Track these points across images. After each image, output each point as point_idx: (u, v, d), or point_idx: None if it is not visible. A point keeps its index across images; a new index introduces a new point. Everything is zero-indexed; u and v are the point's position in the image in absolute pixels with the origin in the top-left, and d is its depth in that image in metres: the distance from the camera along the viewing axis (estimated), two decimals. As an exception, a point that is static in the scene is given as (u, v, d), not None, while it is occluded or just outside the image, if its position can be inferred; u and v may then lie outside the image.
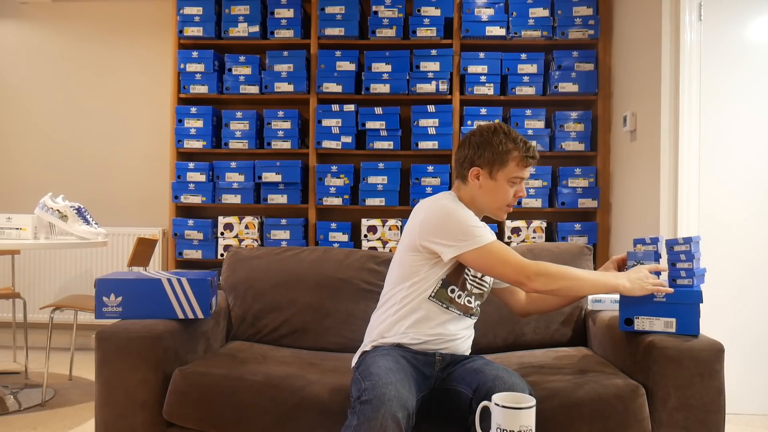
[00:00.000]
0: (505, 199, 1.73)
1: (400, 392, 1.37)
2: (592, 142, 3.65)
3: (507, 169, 1.71)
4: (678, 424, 1.65)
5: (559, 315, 2.15)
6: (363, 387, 1.40)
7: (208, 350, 2.01)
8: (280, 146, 3.69)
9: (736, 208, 2.83)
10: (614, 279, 1.65)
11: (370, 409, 1.32)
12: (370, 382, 1.40)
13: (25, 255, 3.95)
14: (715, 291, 2.77)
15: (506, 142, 1.71)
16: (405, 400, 1.36)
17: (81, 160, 4.19)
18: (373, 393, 1.35)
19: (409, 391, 1.41)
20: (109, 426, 1.72)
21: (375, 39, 3.66)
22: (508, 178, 1.71)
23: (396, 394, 1.35)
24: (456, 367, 1.64)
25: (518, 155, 1.71)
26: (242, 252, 2.30)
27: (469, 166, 1.74)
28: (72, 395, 3.04)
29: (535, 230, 3.56)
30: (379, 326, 1.72)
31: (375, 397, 1.34)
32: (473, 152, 1.73)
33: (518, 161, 1.71)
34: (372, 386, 1.38)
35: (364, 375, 1.47)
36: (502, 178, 1.71)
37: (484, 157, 1.72)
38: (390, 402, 1.33)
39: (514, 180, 1.72)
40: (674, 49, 2.84)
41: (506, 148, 1.70)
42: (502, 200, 1.74)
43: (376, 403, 1.33)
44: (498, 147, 1.71)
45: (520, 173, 1.72)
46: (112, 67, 4.19)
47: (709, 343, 1.67)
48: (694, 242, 1.77)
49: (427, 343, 1.67)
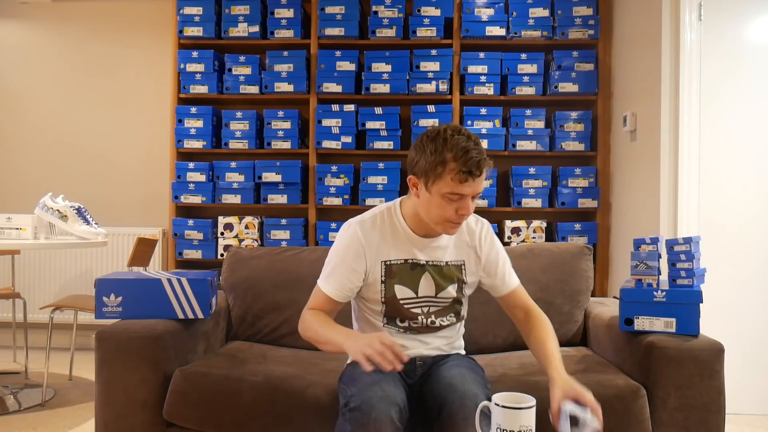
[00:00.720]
0: (443, 215, 1.48)
1: (386, 390, 1.36)
2: (592, 142, 3.65)
3: (441, 183, 1.45)
4: (678, 424, 1.65)
5: (559, 315, 2.15)
6: (349, 393, 1.40)
7: (208, 350, 2.01)
8: (280, 146, 3.69)
9: (736, 208, 2.83)
10: (344, 338, 1.48)
11: (361, 414, 1.32)
12: (355, 388, 1.40)
13: (25, 255, 3.95)
14: (715, 291, 2.78)
15: (442, 151, 1.43)
16: (393, 397, 1.35)
17: (81, 160, 4.19)
18: (360, 398, 1.35)
19: (395, 386, 1.41)
20: (109, 426, 1.72)
21: (375, 39, 3.66)
22: (442, 193, 1.45)
23: (383, 394, 1.35)
24: (432, 369, 1.60)
25: (455, 167, 1.42)
26: (242, 252, 2.30)
27: (409, 173, 1.54)
28: (72, 395, 3.04)
29: (535, 230, 3.56)
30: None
31: (363, 402, 1.33)
32: (412, 157, 1.51)
33: (453, 175, 1.43)
34: (358, 391, 1.37)
35: (348, 382, 1.47)
36: (436, 192, 1.46)
37: (419, 165, 1.48)
38: (379, 403, 1.33)
39: (451, 197, 1.45)
40: (674, 49, 2.84)
41: (441, 158, 1.43)
42: (438, 216, 1.49)
43: (366, 408, 1.32)
44: (431, 156, 1.45)
45: (457, 189, 1.44)
46: (112, 67, 4.19)
47: (709, 343, 1.67)
48: (694, 242, 1.77)
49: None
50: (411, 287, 1.61)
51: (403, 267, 1.60)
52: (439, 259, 1.62)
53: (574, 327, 2.17)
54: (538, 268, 2.17)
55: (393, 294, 1.60)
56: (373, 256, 1.59)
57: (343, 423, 1.36)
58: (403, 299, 1.60)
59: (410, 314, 1.61)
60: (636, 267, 1.79)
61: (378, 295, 1.60)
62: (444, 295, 1.63)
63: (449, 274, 1.63)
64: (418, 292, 1.61)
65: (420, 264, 1.61)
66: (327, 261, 1.63)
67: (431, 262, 1.62)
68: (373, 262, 1.59)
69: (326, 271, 1.62)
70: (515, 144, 3.61)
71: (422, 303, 1.62)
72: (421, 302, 1.61)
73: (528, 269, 2.15)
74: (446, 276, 1.63)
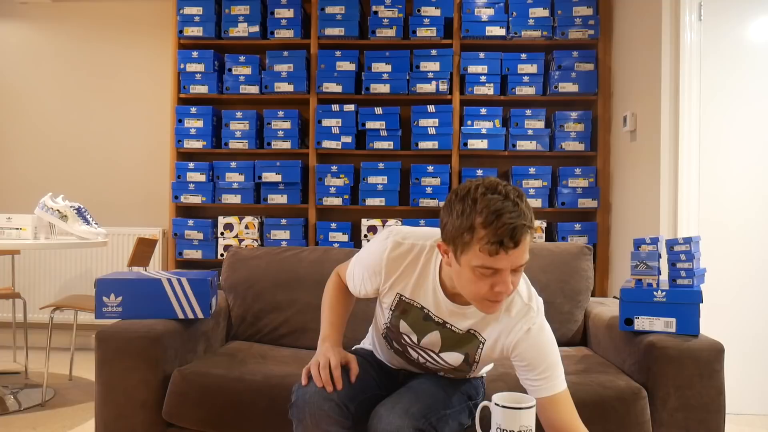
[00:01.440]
0: (477, 292, 1.23)
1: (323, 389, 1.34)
2: (592, 142, 3.65)
3: (470, 254, 1.19)
4: (678, 424, 1.65)
5: (559, 315, 2.15)
6: (293, 389, 1.39)
7: (208, 350, 2.01)
8: (280, 146, 3.69)
9: (736, 208, 2.83)
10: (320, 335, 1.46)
11: (297, 410, 1.33)
12: (297, 384, 1.39)
13: (25, 255, 3.95)
14: (715, 291, 2.78)
15: (471, 214, 1.17)
16: (329, 392, 1.33)
17: (81, 160, 4.19)
18: (297, 394, 1.35)
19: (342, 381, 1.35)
20: (109, 426, 1.72)
21: (375, 39, 3.66)
22: (472, 266, 1.20)
23: (316, 390, 1.33)
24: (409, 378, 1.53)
25: (484, 236, 1.16)
26: (242, 252, 2.30)
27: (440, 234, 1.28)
28: (72, 395, 3.04)
29: (535, 230, 3.56)
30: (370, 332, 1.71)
31: (299, 397, 1.34)
32: (442, 218, 1.26)
33: (482, 245, 1.16)
34: (297, 387, 1.37)
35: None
36: (465, 264, 1.21)
37: (446, 230, 1.23)
38: (312, 398, 1.32)
39: (483, 271, 1.19)
40: (674, 49, 2.84)
41: (469, 223, 1.18)
42: (472, 293, 1.24)
43: (300, 404, 1.33)
44: (458, 220, 1.19)
45: (488, 263, 1.18)
46: (112, 67, 4.19)
47: (709, 343, 1.67)
48: (694, 242, 1.77)
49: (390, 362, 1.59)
50: (416, 333, 1.43)
51: (418, 312, 1.41)
52: (458, 327, 1.39)
53: (574, 327, 2.17)
54: (538, 268, 2.17)
55: (398, 327, 1.45)
56: (390, 282, 1.41)
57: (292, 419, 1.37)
58: (405, 334, 1.45)
59: (407, 350, 1.49)
60: (636, 267, 1.79)
61: (384, 316, 1.48)
62: (446, 359, 1.44)
63: (461, 344, 1.41)
64: (420, 342, 1.44)
65: (433, 320, 1.41)
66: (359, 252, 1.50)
67: (447, 325, 1.40)
68: (388, 287, 1.42)
69: (353, 261, 1.51)
70: (515, 144, 3.61)
71: (422, 351, 1.46)
72: (420, 350, 1.46)
73: (528, 269, 2.15)
74: (456, 343, 1.41)
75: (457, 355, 1.43)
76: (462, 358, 1.43)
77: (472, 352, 1.42)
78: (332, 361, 1.37)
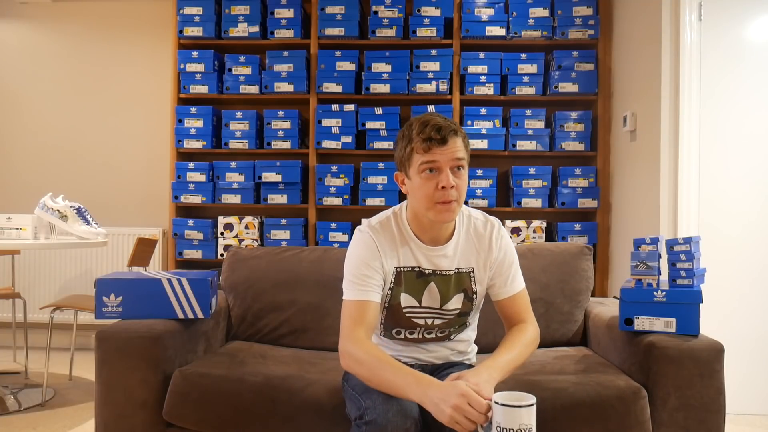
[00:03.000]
0: (427, 195, 1.44)
1: (402, 404, 1.33)
2: (592, 142, 3.65)
3: (414, 160, 1.45)
4: (678, 424, 1.65)
5: (559, 315, 2.15)
6: (364, 406, 1.36)
7: (208, 350, 2.01)
8: (280, 146, 3.69)
9: (736, 208, 2.83)
10: (423, 392, 1.29)
11: (377, 429, 1.29)
12: (370, 400, 1.36)
13: (25, 255, 3.95)
14: (715, 291, 2.77)
15: (409, 133, 1.47)
16: (409, 410, 1.33)
17: (81, 160, 4.19)
18: (376, 412, 1.32)
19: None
20: (109, 426, 1.72)
21: (375, 39, 3.66)
22: (418, 171, 1.45)
23: (399, 408, 1.32)
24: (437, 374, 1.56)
25: (418, 140, 1.44)
26: (242, 252, 2.30)
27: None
28: (72, 395, 3.04)
29: (535, 230, 3.56)
30: None
31: (379, 416, 1.30)
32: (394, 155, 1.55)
33: (419, 146, 1.44)
34: (373, 404, 1.34)
35: (361, 392, 1.42)
36: (414, 173, 1.46)
37: (397, 158, 1.52)
38: (395, 417, 1.30)
39: (423, 169, 1.44)
40: (674, 49, 2.84)
41: (408, 138, 1.47)
42: (425, 200, 1.45)
43: (382, 422, 1.29)
44: (401, 142, 1.50)
45: (426, 158, 1.43)
46: (112, 67, 4.19)
47: (709, 343, 1.67)
48: (694, 242, 1.77)
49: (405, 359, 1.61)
50: (415, 296, 1.55)
51: (410, 274, 1.55)
52: (446, 269, 1.55)
53: (574, 327, 2.17)
54: (538, 268, 2.17)
55: (398, 302, 1.55)
56: (387, 260, 1.53)
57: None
58: (406, 308, 1.55)
59: (410, 323, 1.57)
60: (636, 267, 1.79)
61: (382, 300, 1.54)
62: (449, 307, 1.56)
63: (456, 284, 1.56)
64: (421, 302, 1.56)
65: (425, 273, 1.55)
66: (346, 271, 1.52)
67: (437, 272, 1.55)
68: (387, 266, 1.53)
69: (348, 279, 1.50)
70: (515, 144, 3.61)
71: (425, 314, 1.56)
72: (424, 313, 1.56)
73: (528, 269, 2.14)
74: (452, 286, 1.56)
75: (457, 296, 1.57)
76: (462, 296, 1.57)
77: (468, 286, 1.58)
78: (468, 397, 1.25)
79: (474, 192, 3.58)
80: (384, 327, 1.60)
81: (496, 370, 1.38)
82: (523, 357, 1.49)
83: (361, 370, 1.40)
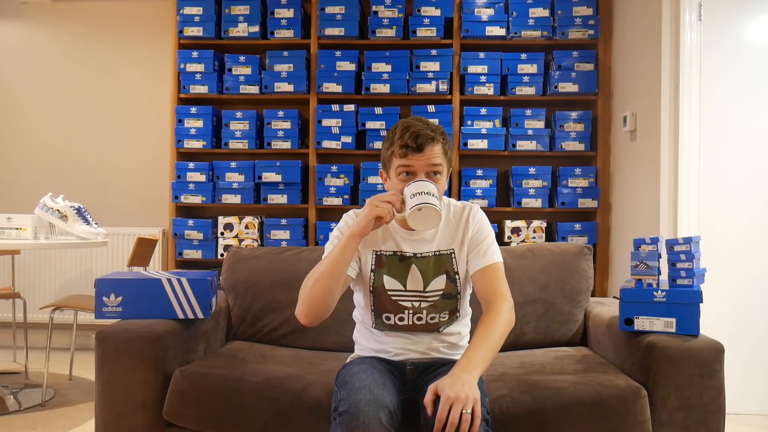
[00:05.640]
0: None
1: (375, 393, 1.34)
2: (592, 142, 3.65)
3: (392, 163, 1.57)
4: (678, 424, 1.65)
5: (559, 315, 2.15)
6: (339, 397, 1.39)
7: (208, 350, 2.01)
8: (280, 146, 3.69)
9: (736, 208, 2.83)
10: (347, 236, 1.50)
11: (349, 418, 1.30)
12: (345, 392, 1.38)
13: (25, 255, 3.95)
14: (715, 291, 2.77)
15: (391, 136, 1.57)
16: (381, 399, 1.33)
17: (81, 160, 4.19)
18: (348, 402, 1.33)
19: (385, 389, 1.39)
20: (109, 426, 1.72)
21: (375, 39, 3.66)
22: (396, 173, 1.56)
23: (371, 398, 1.33)
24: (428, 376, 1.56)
25: (397, 145, 1.54)
26: (242, 252, 2.30)
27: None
28: (72, 395, 3.04)
29: (535, 230, 3.56)
30: (355, 342, 1.75)
31: (351, 405, 1.32)
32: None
33: (396, 151, 1.54)
34: (347, 395, 1.36)
35: (340, 385, 1.46)
36: (393, 175, 1.57)
37: (381, 157, 1.63)
38: (367, 406, 1.31)
39: (400, 172, 1.54)
40: (674, 49, 2.84)
41: (390, 142, 1.57)
42: None
43: (354, 411, 1.31)
44: (385, 143, 1.60)
45: (402, 162, 1.53)
46: (112, 67, 4.19)
47: (709, 343, 1.67)
48: (694, 242, 1.77)
49: (396, 356, 1.63)
50: (399, 280, 1.62)
51: (392, 258, 1.62)
52: (426, 251, 1.62)
53: (574, 327, 2.17)
54: (538, 268, 2.17)
55: (381, 284, 1.61)
56: (366, 243, 1.60)
57: (334, 427, 1.35)
58: (390, 290, 1.61)
59: (397, 307, 1.61)
60: (636, 267, 1.79)
61: (367, 284, 1.63)
62: (432, 288, 1.61)
63: (436, 265, 1.62)
64: (406, 286, 1.61)
65: (407, 256, 1.62)
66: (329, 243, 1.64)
67: (418, 255, 1.62)
68: (366, 249, 1.62)
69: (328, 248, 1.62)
70: (515, 144, 3.61)
71: (411, 297, 1.61)
72: (410, 296, 1.61)
73: (528, 269, 2.15)
74: (434, 268, 1.62)
75: (439, 278, 1.62)
76: (444, 277, 1.62)
77: (450, 267, 1.63)
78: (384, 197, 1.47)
79: (474, 192, 3.58)
80: (374, 314, 1.64)
81: (476, 368, 1.39)
82: (499, 344, 1.49)
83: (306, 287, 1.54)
